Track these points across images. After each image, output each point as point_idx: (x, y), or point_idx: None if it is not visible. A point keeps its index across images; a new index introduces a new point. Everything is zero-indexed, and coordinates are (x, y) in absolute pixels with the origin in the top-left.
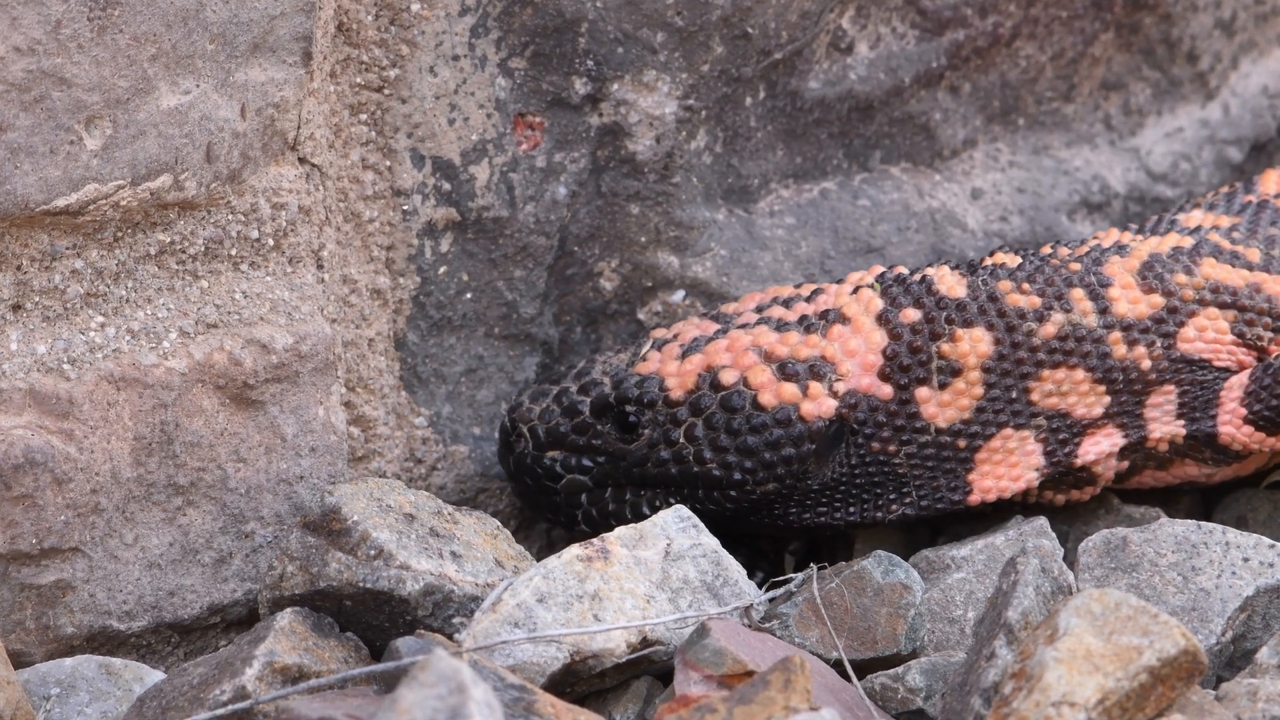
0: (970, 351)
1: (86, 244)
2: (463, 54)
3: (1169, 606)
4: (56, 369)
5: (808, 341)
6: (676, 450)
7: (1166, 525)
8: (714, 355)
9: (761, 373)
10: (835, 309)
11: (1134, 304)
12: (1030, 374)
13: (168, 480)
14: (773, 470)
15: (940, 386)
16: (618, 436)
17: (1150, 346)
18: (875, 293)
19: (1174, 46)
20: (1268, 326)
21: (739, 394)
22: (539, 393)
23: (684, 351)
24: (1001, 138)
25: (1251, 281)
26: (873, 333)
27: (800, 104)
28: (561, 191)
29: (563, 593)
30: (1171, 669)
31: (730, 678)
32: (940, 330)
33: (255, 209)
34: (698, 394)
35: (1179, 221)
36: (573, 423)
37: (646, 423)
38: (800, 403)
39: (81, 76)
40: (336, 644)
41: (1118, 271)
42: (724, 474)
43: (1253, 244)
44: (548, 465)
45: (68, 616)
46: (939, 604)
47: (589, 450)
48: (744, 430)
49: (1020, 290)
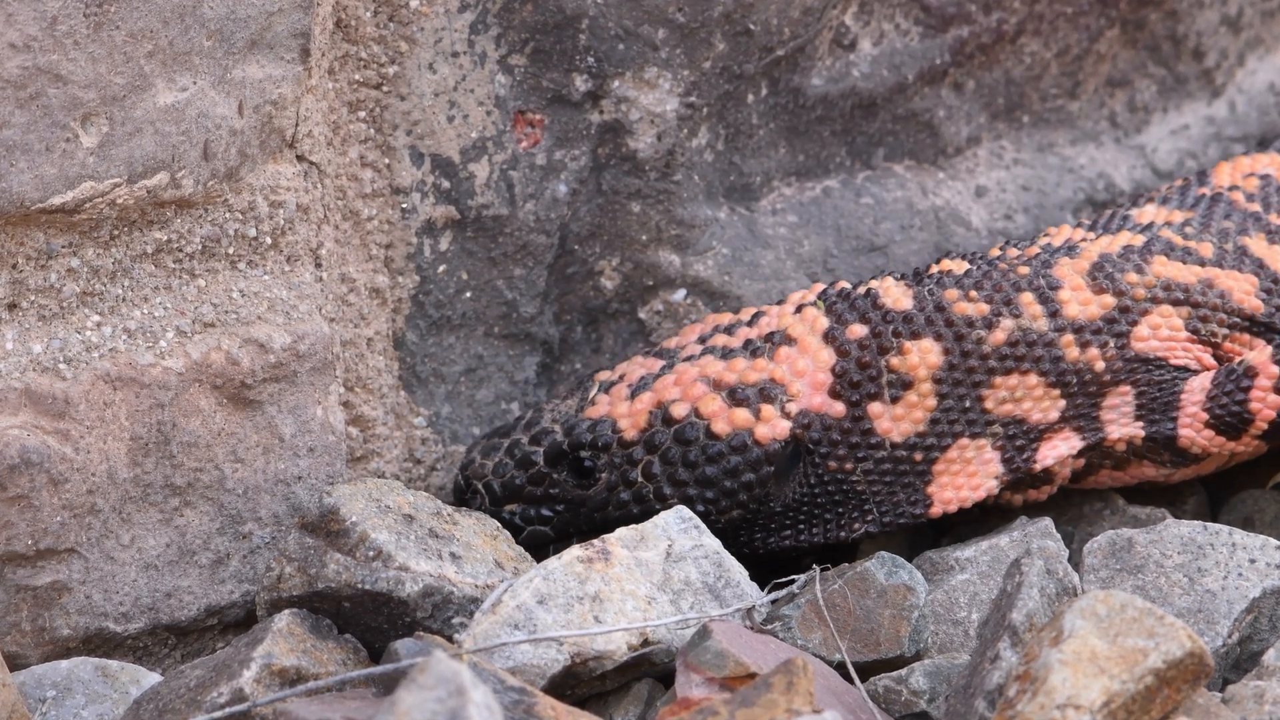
0: (920, 363)
1: (83, 242)
2: (462, 50)
3: (1175, 608)
4: (52, 368)
5: (755, 365)
6: (636, 490)
7: (1172, 526)
8: (663, 391)
9: (712, 401)
10: (780, 330)
11: (1085, 305)
12: (983, 382)
13: (164, 481)
14: (734, 497)
15: (892, 400)
16: (575, 484)
17: (1103, 347)
18: (820, 311)
19: (1180, 43)
20: (1222, 323)
21: (692, 425)
22: (490, 447)
23: (632, 391)
24: (1006, 135)
25: (1204, 277)
26: (820, 351)
27: (803, 101)
28: (562, 189)
29: (563, 594)
30: (1177, 671)
31: (732, 680)
32: (888, 344)
33: (253, 207)
34: (651, 431)
35: (1131, 218)
36: (528, 474)
37: (603, 466)
38: (754, 427)
39: (78, 73)
40: (335, 646)
41: (1067, 273)
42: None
43: (1205, 239)
44: (507, 519)
45: (64, 618)
46: (943, 605)
47: (547, 500)
48: (701, 461)
49: (968, 298)
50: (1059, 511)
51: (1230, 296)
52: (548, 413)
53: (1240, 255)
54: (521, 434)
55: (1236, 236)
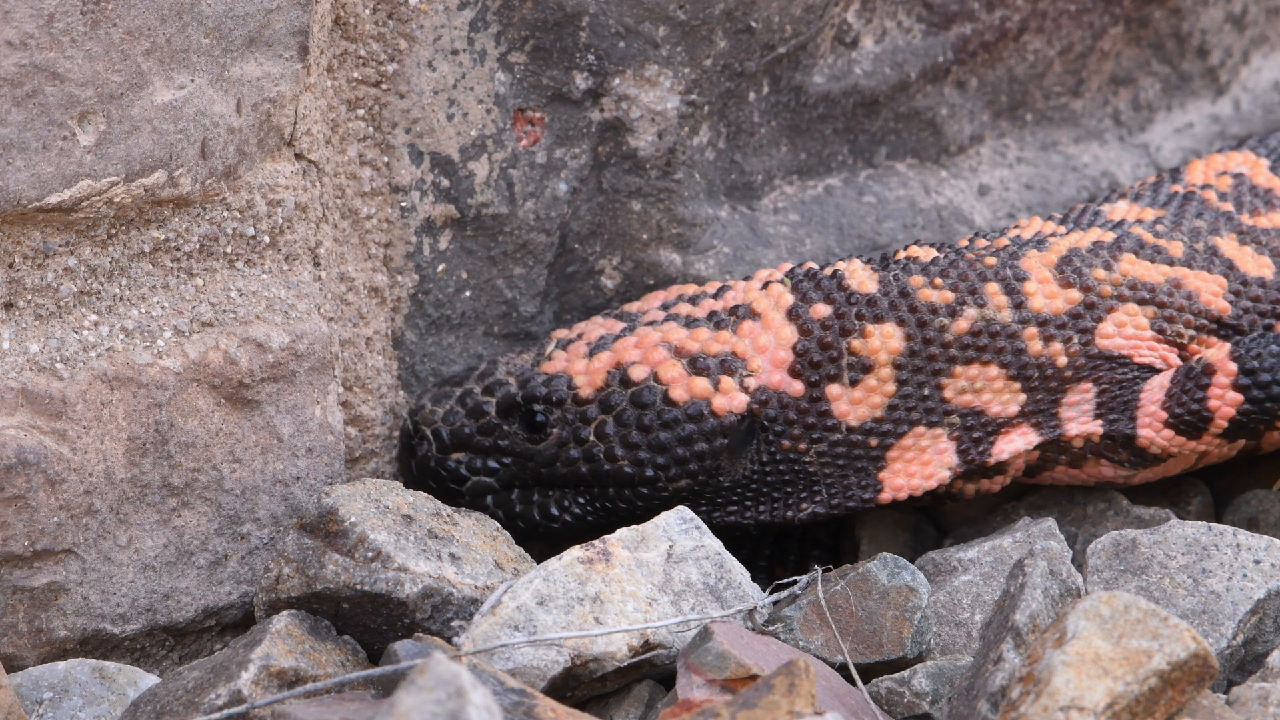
0: (881, 348)
1: (80, 241)
2: (461, 48)
3: (1179, 609)
4: (49, 368)
5: (718, 337)
6: (587, 449)
7: (1177, 527)
8: (623, 352)
9: (672, 368)
10: (745, 304)
11: (1051, 299)
12: (943, 370)
13: (162, 481)
14: (685, 466)
15: (851, 384)
16: (525, 437)
17: (1067, 342)
18: (786, 288)
19: (1184, 41)
20: (1189, 324)
21: (650, 389)
22: (441, 394)
23: (591, 350)
24: (1009, 133)
25: (1172, 277)
26: (783, 328)
27: (804, 99)
28: (562, 188)
29: (563, 595)
30: (1182, 673)
31: (733, 682)
32: (851, 326)
33: (251, 206)
34: (607, 391)
35: (1103, 214)
36: (478, 424)
37: (555, 422)
38: (712, 397)
39: (74, 71)
40: (333, 647)
41: (1034, 266)
42: (636, 471)
43: (1176, 237)
44: (452, 468)
45: (61, 619)
46: (945, 607)
47: (495, 451)
48: (655, 426)
49: (933, 285)
50: (1062, 512)
51: (1198, 297)
52: (502, 365)
53: (1211, 255)
54: (475, 384)
55: (1208, 236)
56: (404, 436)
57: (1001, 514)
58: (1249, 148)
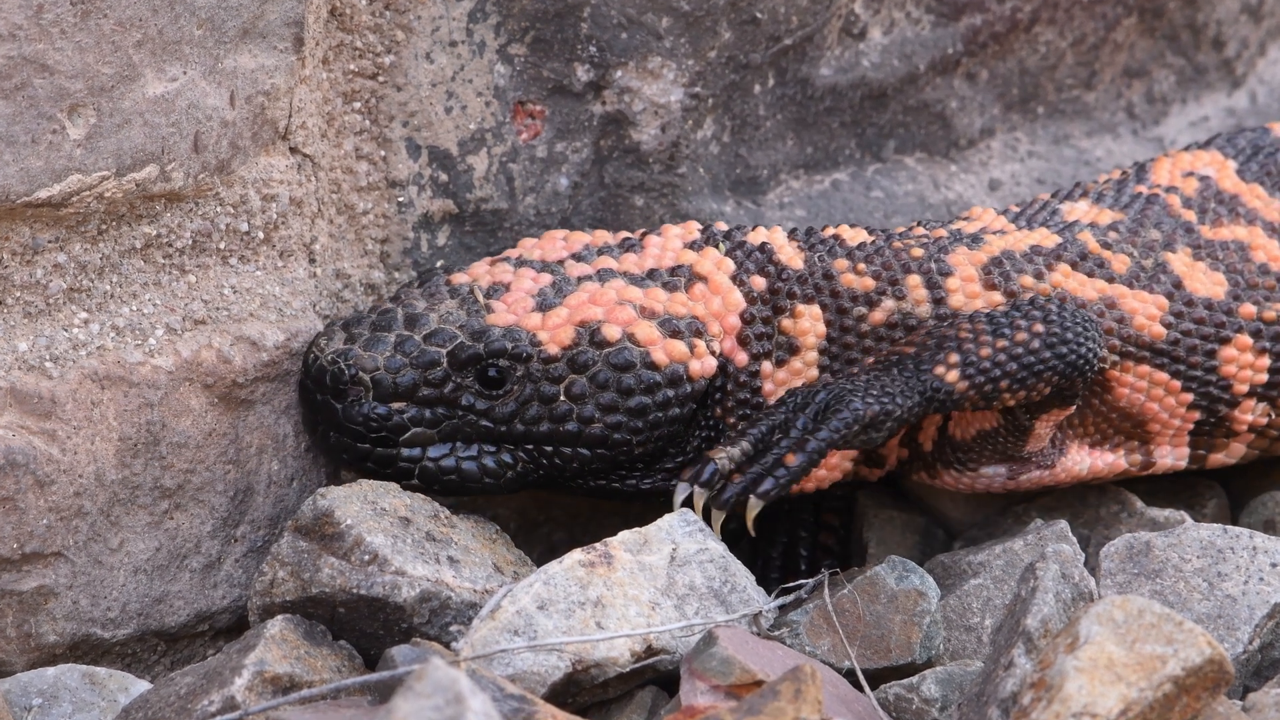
0: (810, 330)
1: (69, 237)
2: (460, 40)
3: (1194, 614)
4: (38, 367)
5: (676, 299)
6: (553, 408)
7: (1191, 529)
8: (582, 309)
9: (649, 329)
10: (685, 266)
11: (971, 298)
12: (856, 360)
13: (154, 483)
14: (656, 430)
15: (778, 363)
16: (480, 391)
17: None
18: (722, 253)
19: (1199, 32)
20: (1114, 348)
21: (628, 350)
22: (372, 340)
23: (540, 303)
24: (1020, 127)
25: (1107, 295)
26: (731, 294)
27: (811, 92)
28: (563, 183)
29: (564, 599)
30: (1197, 678)
31: (738, 688)
32: (783, 305)
33: (245, 201)
34: (577, 350)
35: (1060, 213)
36: (427, 375)
37: (515, 378)
38: (689, 361)
39: (64, 63)
40: (329, 653)
41: (962, 262)
42: (609, 434)
43: (1125, 249)
44: (388, 417)
45: (50, 624)
46: (955, 611)
47: (442, 403)
48: (636, 389)
49: (855, 271)
50: (1075, 514)
51: (1131, 320)
52: (428, 313)
53: (1158, 273)
54: (409, 330)
55: (1160, 251)
56: (329, 379)
57: (1012, 516)
58: (1217, 147)
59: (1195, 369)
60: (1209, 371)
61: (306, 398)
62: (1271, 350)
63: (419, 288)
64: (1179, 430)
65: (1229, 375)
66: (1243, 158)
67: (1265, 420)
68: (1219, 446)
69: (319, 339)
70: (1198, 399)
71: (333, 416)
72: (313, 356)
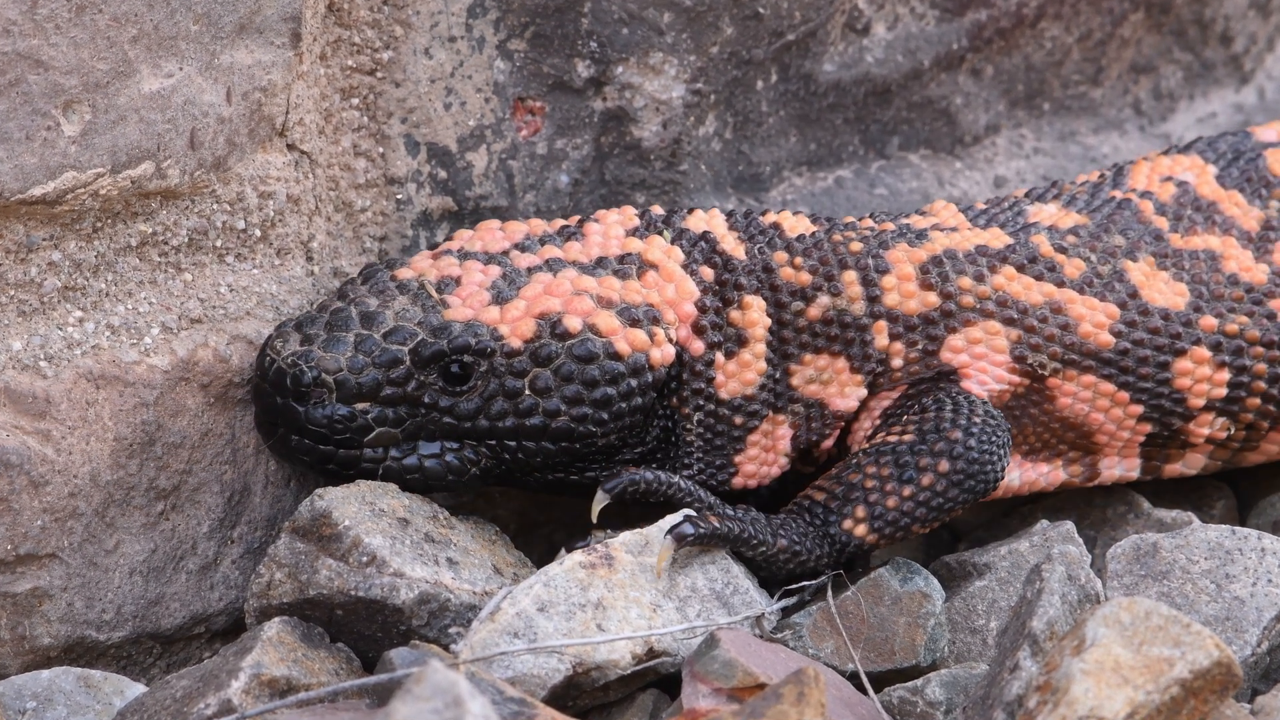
0: (758, 322)
1: (64, 235)
2: (459, 35)
3: (1202, 616)
4: (33, 366)
5: (630, 287)
6: (517, 403)
7: (1199, 530)
8: (540, 301)
9: (609, 319)
10: (633, 254)
11: (906, 298)
12: (793, 355)
13: (149, 483)
14: (621, 421)
15: (728, 355)
16: (443, 388)
17: (911, 345)
18: (667, 241)
19: (1207, 27)
20: (1055, 355)
21: (591, 341)
22: (330, 340)
23: (495, 296)
24: (1026, 123)
25: (1052, 300)
26: (685, 282)
27: (814, 88)
28: (563, 180)
29: (564, 601)
30: (1204, 681)
31: (741, 690)
32: (731, 296)
33: (241, 198)
34: (539, 343)
35: (1025, 213)
36: (391, 373)
37: (479, 374)
38: (650, 350)
39: (59, 59)
40: (327, 655)
41: (900, 259)
42: (576, 426)
43: (1081, 254)
44: (352, 419)
45: (44, 626)
46: (960, 613)
47: (406, 401)
48: (601, 380)
49: (793, 264)
50: (1081, 515)
51: (1075, 328)
52: (383, 310)
53: (1114, 280)
54: (367, 329)
55: (1121, 259)
56: (289, 382)
57: (1018, 517)
58: (1198, 151)
59: (1146, 381)
60: (1161, 384)
61: (264, 401)
62: (1233, 364)
63: (364, 284)
64: (1129, 442)
65: (1183, 388)
66: (1223, 163)
67: (1225, 434)
68: (1174, 458)
69: (273, 340)
70: (1149, 411)
71: (295, 419)
72: (269, 359)
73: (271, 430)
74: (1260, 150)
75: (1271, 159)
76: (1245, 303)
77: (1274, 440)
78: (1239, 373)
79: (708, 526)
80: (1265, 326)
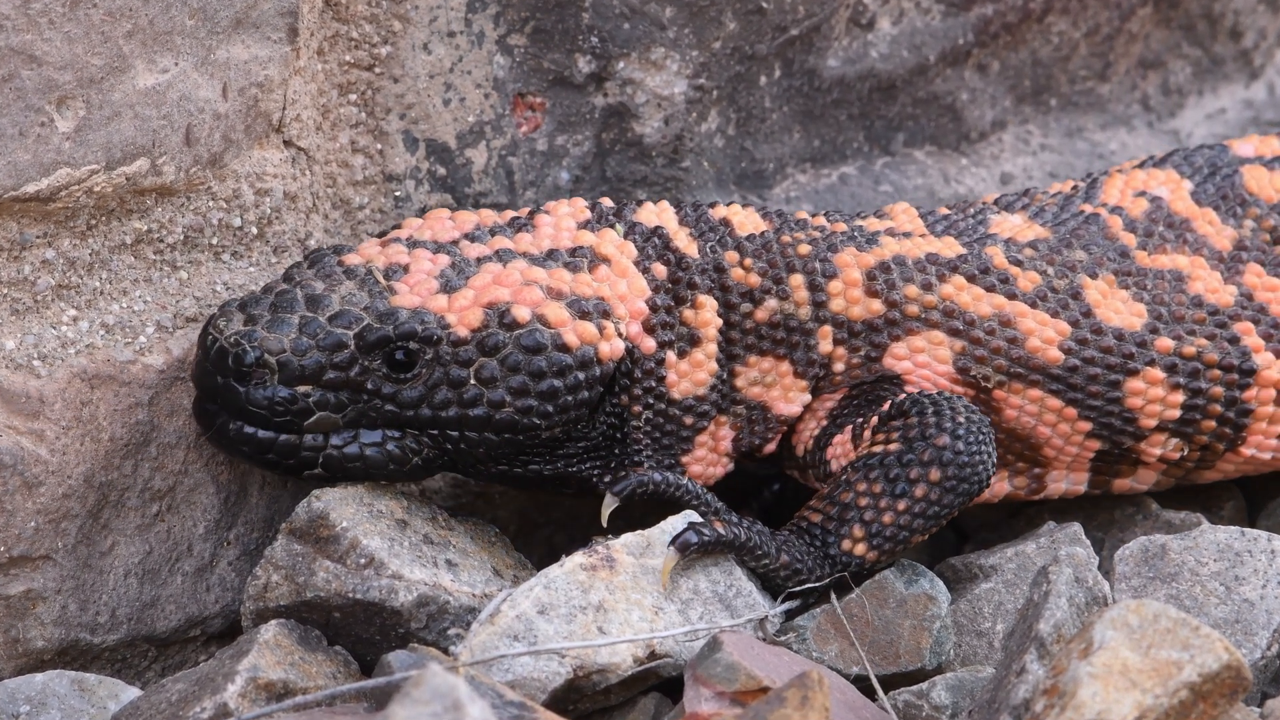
0: (710, 322)
1: (58, 232)
2: (459, 30)
3: (1211, 618)
4: (26, 365)
5: (580, 279)
6: (461, 392)
7: (1208, 532)
8: (488, 291)
9: (559, 310)
10: (585, 247)
11: (851, 303)
12: (739, 357)
13: (144, 484)
14: (566, 414)
15: (680, 354)
16: (387, 375)
17: (854, 351)
18: (619, 235)
19: (1216, 22)
20: (1001, 369)
21: (539, 332)
22: (274, 321)
23: (444, 285)
24: (1033, 119)
25: (1002, 312)
26: (637, 279)
27: (818, 83)
28: (564, 176)
29: (565, 604)
30: (1214, 685)
31: (744, 694)
32: (684, 294)
33: (238, 195)
34: (486, 332)
35: (988, 222)
36: (334, 357)
37: (423, 362)
38: (598, 344)
39: (53, 54)
40: (324, 658)
41: (848, 264)
42: (520, 418)
43: (1038, 268)
44: (293, 401)
45: (38, 629)
46: (966, 616)
47: (349, 386)
48: (548, 372)
49: (743, 266)
50: (1088, 516)
51: (1023, 342)
52: (329, 294)
53: (1069, 297)
54: (312, 312)
55: (1080, 274)
56: (232, 361)
57: (1024, 518)
58: (1173, 165)
59: (1095, 399)
60: (1111, 403)
61: (204, 382)
62: (1188, 386)
63: (311, 268)
64: (1078, 457)
65: (1135, 408)
66: (1199, 178)
67: (1179, 454)
68: (1125, 474)
69: (215, 320)
70: (1098, 429)
71: (235, 400)
72: (211, 338)
73: (210, 421)
74: (1236, 166)
75: (1247, 176)
76: (1208, 325)
77: (1230, 460)
78: (1194, 395)
79: (712, 534)
80: (1226, 350)
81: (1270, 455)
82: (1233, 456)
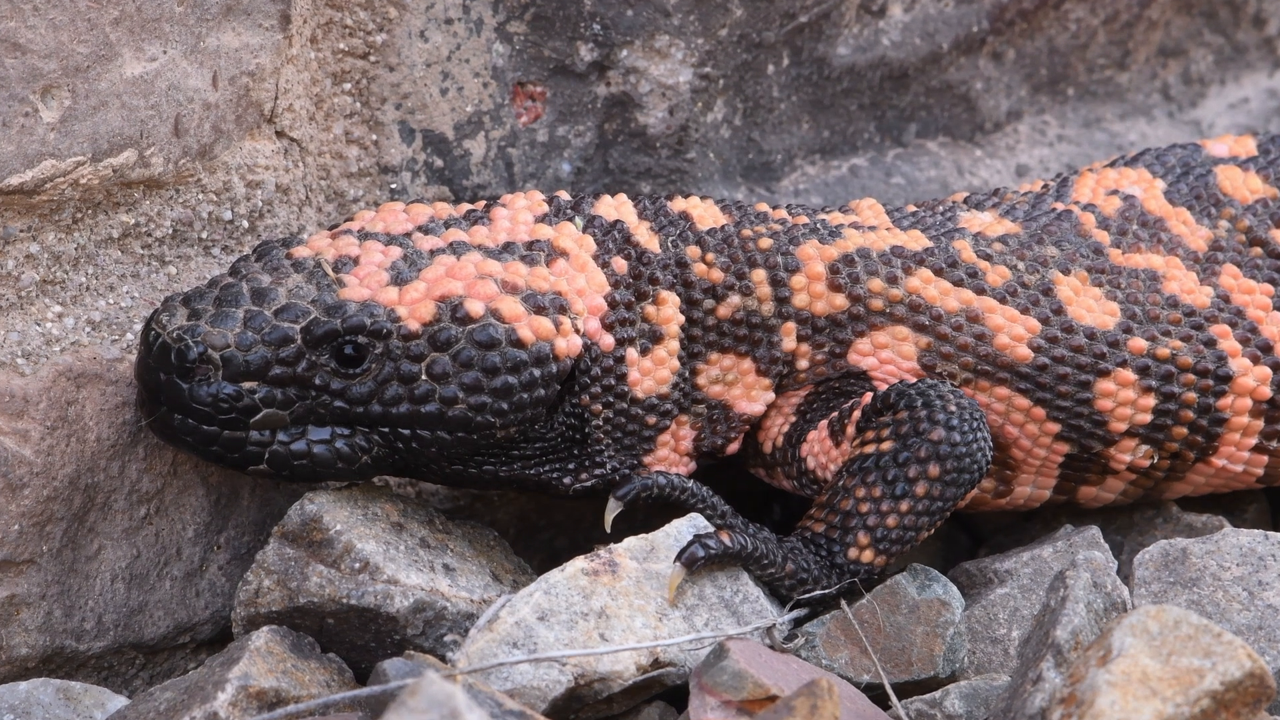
0: (673, 318)
1: (43, 226)
2: (456, 17)
3: (1233, 625)
4: (10, 363)
5: (536, 273)
6: (413, 388)
7: (1230, 536)
8: (440, 284)
9: (513, 305)
10: (543, 241)
11: (814, 298)
12: (700, 354)
13: (132, 486)
14: (522, 412)
15: (643, 352)
16: (335, 370)
17: (818, 347)
18: (578, 229)
19: (1238, 9)
20: (966, 365)
21: (493, 327)
22: (218, 316)
23: (395, 277)
24: (1049, 109)
25: (970, 308)
26: (596, 274)
27: (828, 72)
28: (565, 168)
29: (566, 610)
30: (1236, 693)
31: (751, 703)
32: (646, 290)
33: (228, 188)
34: (438, 326)
35: (957, 218)
36: (280, 352)
37: (373, 356)
38: (554, 340)
39: (37, 42)
40: (317, 666)
41: (811, 257)
42: (473, 415)
43: (1008, 262)
44: (238, 398)
45: (22, 636)
46: (980, 622)
47: (296, 382)
48: (502, 368)
49: (705, 261)
50: (1107, 519)
51: (991, 339)
52: (275, 287)
53: (1040, 293)
54: (257, 305)
55: (1052, 269)
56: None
57: (1040, 521)
58: (1145, 164)
59: (1064, 399)
60: (1081, 404)
61: (147, 378)
62: (1160, 390)
63: (258, 261)
64: (1046, 460)
65: (1105, 410)
66: (1172, 177)
67: (1149, 463)
68: (1093, 482)
69: (158, 315)
70: (1066, 431)
71: (178, 397)
72: (154, 333)
73: (152, 411)
74: (1210, 166)
75: (1222, 176)
76: (1183, 326)
77: (1200, 472)
78: (1166, 399)
79: (718, 546)
80: (1201, 353)
81: (1241, 468)
82: (1203, 467)
